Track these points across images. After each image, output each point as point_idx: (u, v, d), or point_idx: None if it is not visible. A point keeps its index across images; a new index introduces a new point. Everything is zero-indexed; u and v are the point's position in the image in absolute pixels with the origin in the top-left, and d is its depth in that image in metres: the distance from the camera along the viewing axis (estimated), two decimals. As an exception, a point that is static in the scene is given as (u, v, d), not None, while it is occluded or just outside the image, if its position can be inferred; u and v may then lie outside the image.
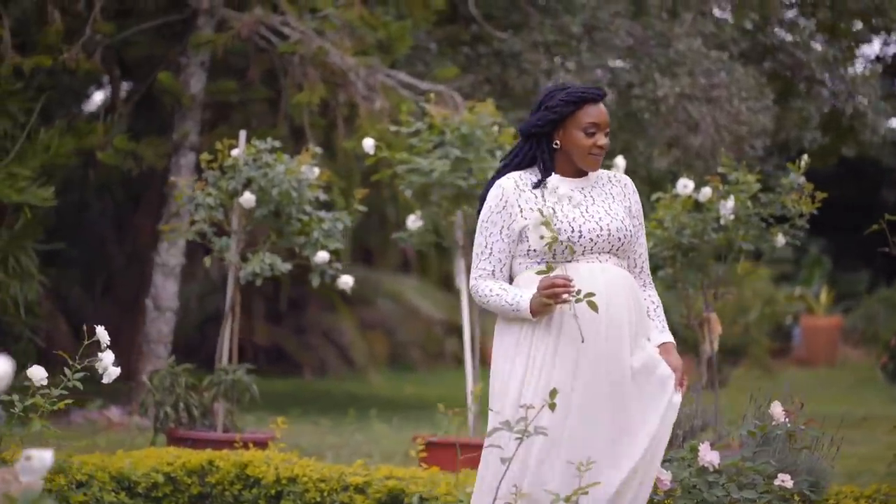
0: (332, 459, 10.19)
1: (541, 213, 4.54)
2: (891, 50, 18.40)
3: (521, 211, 4.67)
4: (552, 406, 4.31)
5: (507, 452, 4.49)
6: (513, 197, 4.69)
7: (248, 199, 8.44)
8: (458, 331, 22.95)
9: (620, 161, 8.68)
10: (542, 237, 4.56)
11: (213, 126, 12.99)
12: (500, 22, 14.17)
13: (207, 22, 12.14)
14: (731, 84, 13.39)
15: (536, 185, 4.72)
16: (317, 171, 8.60)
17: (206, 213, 8.52)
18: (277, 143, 8.72)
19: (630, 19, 13.91)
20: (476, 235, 4.79)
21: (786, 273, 29.00)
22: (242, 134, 8.79)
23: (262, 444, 8.58)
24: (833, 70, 15.29)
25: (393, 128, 9.09)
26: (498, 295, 4.71)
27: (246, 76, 12.68)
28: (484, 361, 8.13)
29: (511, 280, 4.81)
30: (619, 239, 4.73)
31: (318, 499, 7.40)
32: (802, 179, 8.98)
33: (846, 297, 29.41)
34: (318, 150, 8.77)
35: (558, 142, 4.72)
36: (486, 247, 4.75)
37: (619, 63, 13.93)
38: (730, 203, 8.77)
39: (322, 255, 8.64)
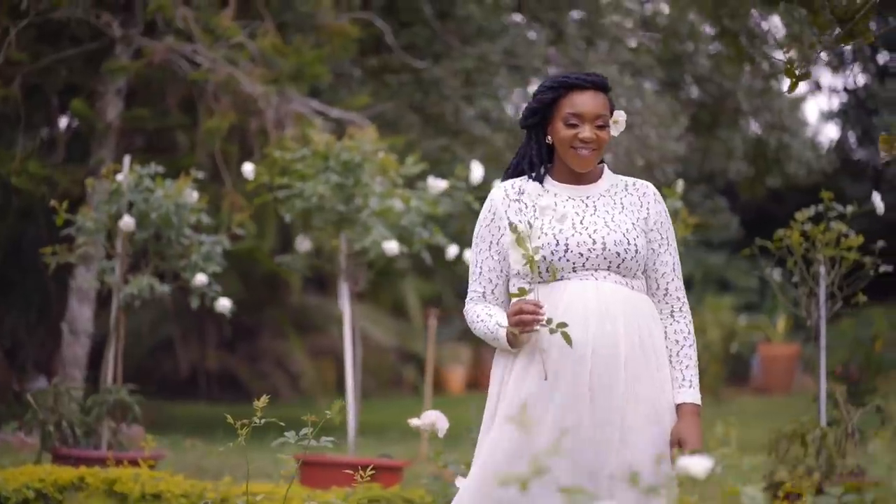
0: (213, 478, 10.36)
1: (513, 228, 3.95)
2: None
3: (510, 224, 4.03)
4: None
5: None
6: (501, 208, 4.18)
7: (127, 222, 8.63)
8: (413, 358, 23.22)
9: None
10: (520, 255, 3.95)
11: (131, 152, 13.18)
12: (423, 51, 14.42)
13: (125, 50, 12.36)
14: (644, 111, 13.61)
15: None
16: (196, 195, 8.79)
17: (87, 236, 8.72)
18: (160, 169, 8.92)
19: (547, 45, 14.17)
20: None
21: (752, 303, 29.16)
22: (126, 159, 8.99)
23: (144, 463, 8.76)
24: (758, 102, 15.52)
25: (277, 153, 9.28)
26: (482, 321, 4.15)
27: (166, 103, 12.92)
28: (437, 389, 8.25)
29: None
30: (618, 254, 4.03)
31: (181, 513, 7.62)
32: (679, 204, 9.17)
33: (805, 326, 29.47)
34: (200, 174, 8.96)
35: (550, 137, 4.19)
36: (476, 265, 4.22)
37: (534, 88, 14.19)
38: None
39: (200, 278, 8.82)
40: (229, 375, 21.63)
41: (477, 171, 9.21)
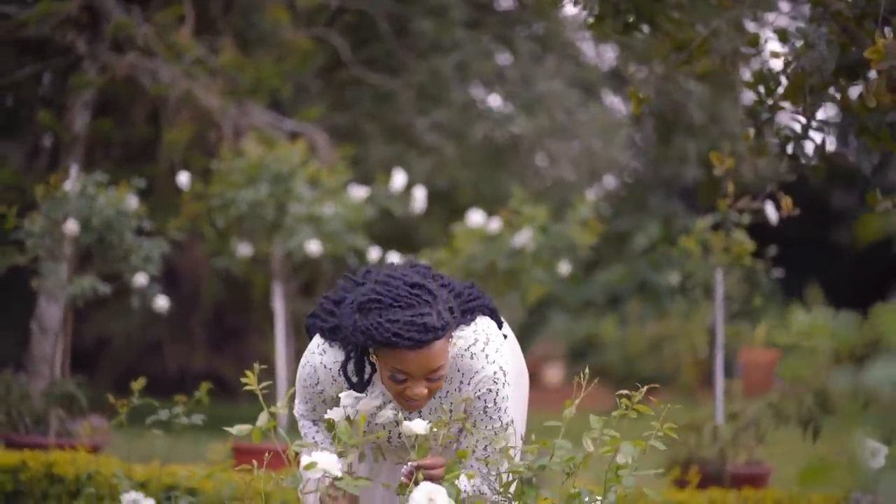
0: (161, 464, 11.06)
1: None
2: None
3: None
4: None
5: None
6: (325, 382, 4.07)
7: (71, 227, 9.36)
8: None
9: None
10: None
11: (94, 163, 13.90)
12: (380, 65, 15.13)
13: (92, 65, 13.09)
14: (589, 122, 14.30)
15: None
16: (135, 201, 9.51)
17: (34, 240, 9.45)
18: (104, 177, 9.63)
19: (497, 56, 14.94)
20: None
21: (745, 309, 29.58)
22: (74, 167, 9.72)
23: (95, 449, 9.52)
24: (712, 112, 16.10)
25: (214, 164, 9.99)
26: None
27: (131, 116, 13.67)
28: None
29: None
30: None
31: (108, 492, 8.31)
32: (589, 212, 9.81)
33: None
34: (141, 182, 9.65)
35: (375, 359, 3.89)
36: (303, 401, 4.23)
37: (489, 98, 14.93)
38: (524, 234, 9.55)
39: (140, 279, 9.55)
40: (216, 376, 22.28)
41: (399, 179, 9.91)
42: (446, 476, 3.62)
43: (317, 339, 4.05)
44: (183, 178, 9.81)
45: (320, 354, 4.00)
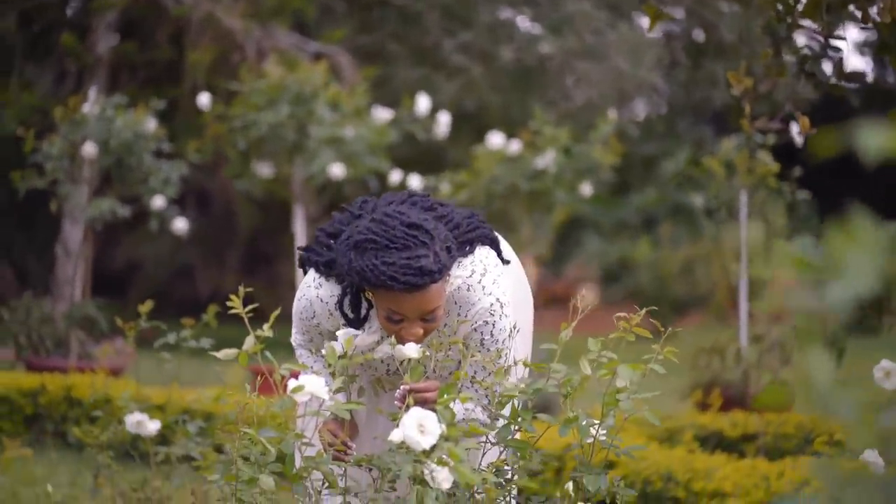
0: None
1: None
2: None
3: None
4: None
5: None
6: (322, 316, 3.97)
7: (89, 149, 9.31)
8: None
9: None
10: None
11: (119, 86, 13.84)
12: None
13: (115, -15, 13.00)
14: (617, 42, 14.12)
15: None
16: (154, 123, 9.45)
17: (53, 163, 9.41)
18: (123, 99, 9.57)
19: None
20: None
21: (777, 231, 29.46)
22: (93, 90, 9.67)
23: (115, 372, 9.53)
24: (743, 32, 15.88)
25: (234, 85, 9.90)
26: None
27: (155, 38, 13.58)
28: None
29: None
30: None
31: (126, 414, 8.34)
32: (610, 129, 9.69)
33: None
34: (160, 103, 9.59)
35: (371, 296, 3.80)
36: (300, 332, 4.15)
37: (517, 19, 14.75)
38: (547, 156, 9.45)
39: (158, 201, 9.50)
40: (247, 299, 22.18)
41: (423, 103, 9.80)
42: (439, 400, 3.55)
43: (312, 272, 3.95)
44: (203, 100, 9.73)
45: (316, 288, 3.91)
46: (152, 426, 5.39)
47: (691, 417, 8.08)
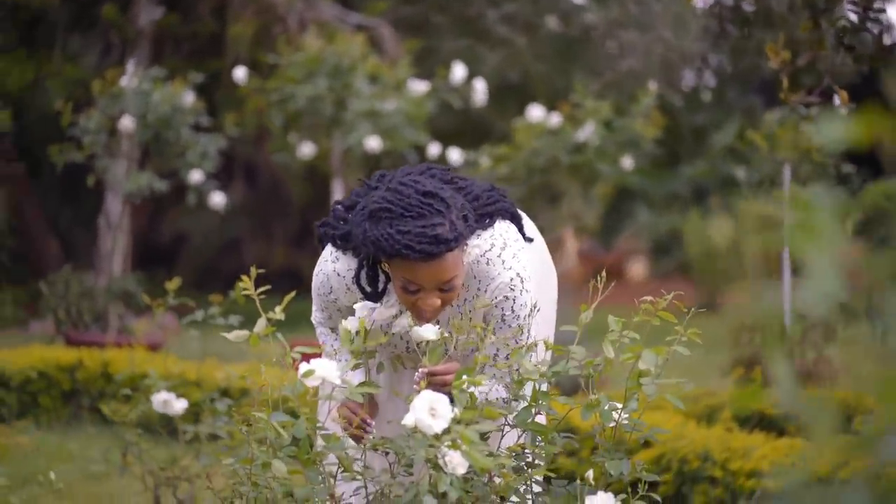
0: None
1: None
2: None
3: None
4: None
5: None
6: (339, 291, 3.91)
7: (126, 123, 9.28)
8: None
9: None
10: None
11: (162, 59, 13.82)
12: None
13: (157, -42, 12.96)
14: (662, 11, 13.94)
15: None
16: (191, 97, 9.39)
17: (91, 137, 9.38)
18: (161, 73, 9.52)
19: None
20: None
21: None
22: (131, 63, 9.62)
23: (153, 347, 9.50)
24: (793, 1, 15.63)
25: (271, 58, 9.83)
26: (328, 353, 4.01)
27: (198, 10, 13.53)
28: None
29: None
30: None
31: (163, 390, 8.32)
32: (650, 104, 9.57)
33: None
34: (198, 77, 9.53)
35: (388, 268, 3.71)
36: (320, 309, 4.07)
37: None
38: (587, 128, 9.34)
39: (196, 175, 9.45)
40: (295, 272, 22.30)
41: (458, 72, 9.69)
42: (454, 383, 3.46)
43: (329, 247, 3.89)
44: (239, 73, 9.65)
45: (333, 262, 3.85)
46: (179, 405, 5.34)
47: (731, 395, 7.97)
